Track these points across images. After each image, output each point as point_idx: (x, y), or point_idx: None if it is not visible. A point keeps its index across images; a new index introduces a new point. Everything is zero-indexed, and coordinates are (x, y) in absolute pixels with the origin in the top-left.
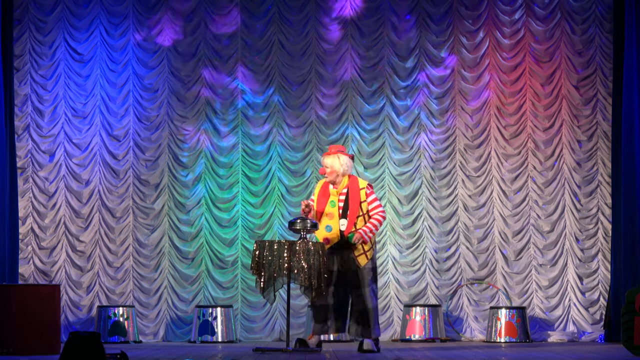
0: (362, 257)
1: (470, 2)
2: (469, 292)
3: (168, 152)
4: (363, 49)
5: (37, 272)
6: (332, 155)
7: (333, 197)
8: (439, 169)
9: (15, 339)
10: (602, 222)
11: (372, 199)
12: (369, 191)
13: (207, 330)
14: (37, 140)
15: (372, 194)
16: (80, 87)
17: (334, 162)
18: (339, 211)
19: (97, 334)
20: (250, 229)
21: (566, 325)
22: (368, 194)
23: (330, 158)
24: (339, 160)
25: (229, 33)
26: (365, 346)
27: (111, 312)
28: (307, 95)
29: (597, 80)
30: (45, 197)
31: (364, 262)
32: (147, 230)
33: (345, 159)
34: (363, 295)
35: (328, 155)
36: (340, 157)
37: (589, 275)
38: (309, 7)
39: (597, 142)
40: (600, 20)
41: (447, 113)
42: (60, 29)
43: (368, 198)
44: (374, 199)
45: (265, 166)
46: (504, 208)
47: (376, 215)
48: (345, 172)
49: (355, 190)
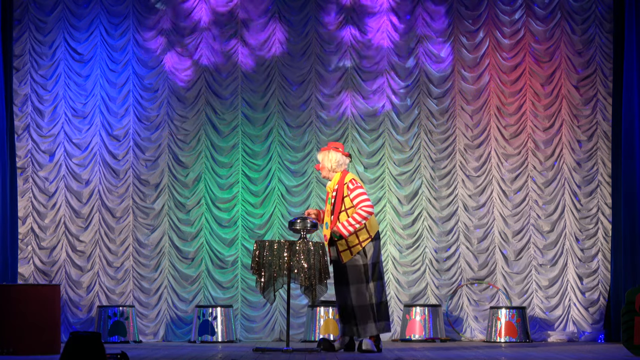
0: (346, 253)
1: (470, 2)
2: (469, 292)
3: (168, 152)
4: (363, 49)
5: (37, 272)
6: (324, 151)
7: (329, 194)
8: (439, 169)
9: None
10: (602, 222)
11: (356, 194)
12: (352, 186)
13: (207, 330)
14: (37, 140)
15: (356, 189)
16: (80, 87)
17: (323, 158)
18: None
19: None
20: (250, 229)
21: (566, 325)
22: (351, 188)
23: (321, 154)
24: (328, 156)
25: (229, 33)
26: (364, 346)
27: (111, 312)
28: (307, 95)
29: (597, 80)
30: (45, 197)
31: (347, 258)
32: (147, 230)
33: (335, 155)
34: (344, 292)
35: (321, 152)
36: (330, 153)
37: (589, 275)
38: (309, 7)
39: (597, 142)
40: (600, 20)
41: (447, 113)
42: (60, 29)
43: (351, 193)
44: (357, 194)
45: (265, 166)
46: (504, 208)
47: (359, 210)
48: (335, 169)
49: (342, 185)
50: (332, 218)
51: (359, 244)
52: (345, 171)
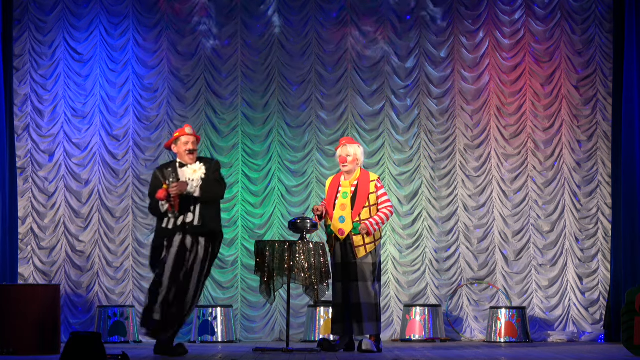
0: (361, 249)
1: (470, 2)
2: (469, 292)
3: (168, 152)
4: (363, 49)
5: (37, 272)
6: (354, 144)
7: (345, 189)
8: (439, 169)
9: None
10: (602, 222)
11: (382, 192)
12: (379, 184)
13: (207, 330)
14: (37, 140)
15: (382, 188)
16: (80, 87)
17: (357, 151)
18: (351, 202)
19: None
20: (250, 229)
21: (566, 325)
22: (378, 187)
23: (353, 147)
24: (359, 150)
25: (229, 33)
26: (364, 346)
27: (111, 312)
28: (307, 95)
29: (597, 80)
30: (45, 197)
31: (362, 254)
32: (147, 230)
33: (362, 150)
34: (357, 289)
35: (350, 144)
36: (360, 147)
37: (589, 275)
38: (309, 7)
39: (597, 142)
40: (600, 20)
41: (447, 113)
42: (60, 28)
43: (378, 191)
44: (383, 193)
45: (265, 166)
46: (504, 208)
47: (384, 210)
48: (360, 163)
49: (366, 181)
50: (352, 212)
51: (373, 242)
52: (363, 169)
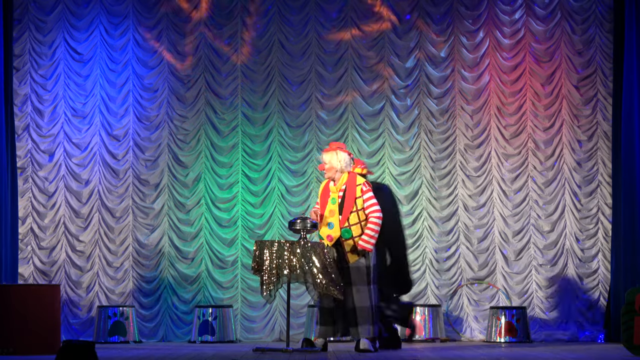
0: (353, 255)
1: (470, 2)
2: (469, 292)
3: (168, 152)
4: (363, 49)
5: (37, 272)
6: (330, 151)
7: (333, 195)
8: (439, 169)
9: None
10: (602, 222)
11: (368, 196)
12: (365, 188)
13: (207, 330)
14: (37, 140)
15: (368, 192)
16: (80, 87)
17: (332, 158)
18: (339, 208)
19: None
20: (250, 229)
21: (566, 325)
22: (364, 190)
23: (328, 154)
24: (337, 157)
25: (229, 33)
26: (362, 345)
27: (111, 312)
28: (307, 95)
29: (597, 80)
30: (45, 197)
31: (354, 259)
32: (147, 230)
33: (343, 155)
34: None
35: (327, 152)
36: (339, 153)
37: (589, 275)
38: (309, 7)
39: (597, 142)
40: (600, 20)
41: (447, 113)
42: (60, 28)
43: (364, 195)
44: (369, 197)
45: (265, 166)
46: (504, 208)
47: (372, 219)
48: (343, 169)
49: (352, 186)
50: (340, 218)
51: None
52: (352, 172)
